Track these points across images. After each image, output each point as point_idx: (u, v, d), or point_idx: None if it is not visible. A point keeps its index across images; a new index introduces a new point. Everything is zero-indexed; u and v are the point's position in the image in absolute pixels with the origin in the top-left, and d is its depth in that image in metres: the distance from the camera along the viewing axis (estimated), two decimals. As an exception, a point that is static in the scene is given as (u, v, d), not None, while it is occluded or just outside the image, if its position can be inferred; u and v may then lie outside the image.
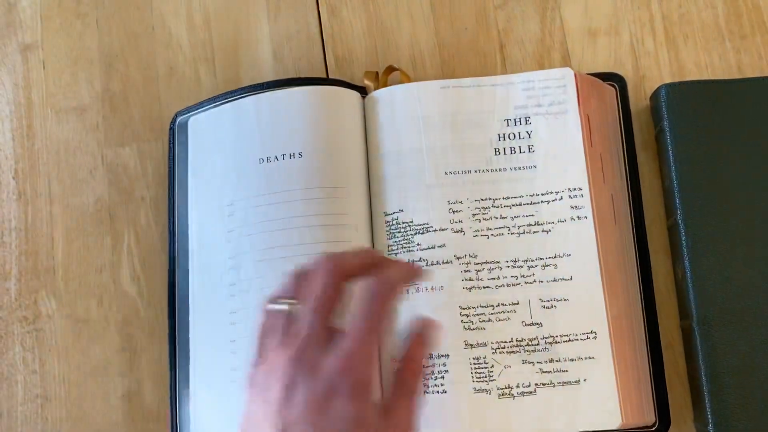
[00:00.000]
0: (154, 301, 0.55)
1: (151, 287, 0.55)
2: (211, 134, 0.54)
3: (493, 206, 0.49)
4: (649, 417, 0.48)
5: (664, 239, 0.52)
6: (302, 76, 0.57)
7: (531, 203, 0.49)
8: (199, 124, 0.55)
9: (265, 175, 0.51)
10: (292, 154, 0.51)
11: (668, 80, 0.53)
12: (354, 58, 0.57)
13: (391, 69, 0.55)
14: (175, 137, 0.56)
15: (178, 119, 0.56)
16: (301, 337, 0.36)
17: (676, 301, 0.51)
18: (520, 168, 0.50)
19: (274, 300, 0.39)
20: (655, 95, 0.52)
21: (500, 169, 0.50)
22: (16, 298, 0.56)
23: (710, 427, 0.46)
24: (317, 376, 0.35)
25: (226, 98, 0.54)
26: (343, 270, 0.38)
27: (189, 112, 0.56)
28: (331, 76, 0.57)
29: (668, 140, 0.50)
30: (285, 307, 0.38)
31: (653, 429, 0.48)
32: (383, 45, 0.57)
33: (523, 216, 0.49)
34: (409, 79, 0.55)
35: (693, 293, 0.47)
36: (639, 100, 0.54)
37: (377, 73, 0.55)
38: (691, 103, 0.50)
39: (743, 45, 0.54)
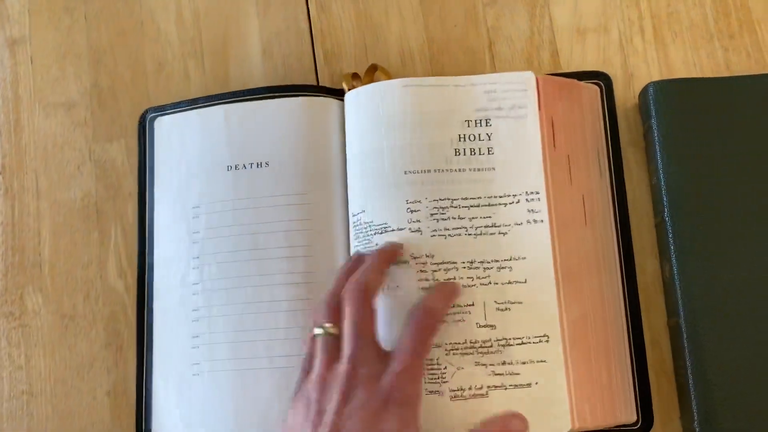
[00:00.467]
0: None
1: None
2: (176, 137, 0.55)
3: (451, 206, 0.49)
4: (628, 416, 0.48)
5: (652, 237, 0.52)
6: (290, 72, 0.57)
7: (489, 205, 0.49)
8: (164, 126, 0.56)
9: (233, 181, 0.52)
10: (259, 164, 0.52)
11: (656, 78, 0.53)
12: (343, 53, 0.57)
13: (373, 68, 0.55)
14: (145, 134, 0.56)
15: (148, 116, 0.56)
16: (350, 355, 0.41)
17: (663, 299, 0.51)
18: (479, 169, 0.49)
19: (315, 326, 0.44)
20: (643, 93, 0.52)
21: (459, 170, 0.49)
22: (2, 294, 0.56)
23: (696, 424, 0.46)
24: (373, 390, 0.40)
25: (196, 104, 0.55)
26: (368, 289, 0.44)
27: (158, 112, 0.56)
28: (319, 72, 0.57)
29: (656, 138, 0.50)
30: (323, 331, 0.43)
31: (636, 428, 0.48)
32: (372, 41, 0.57)
33: (481, 217, 0.49)
34: (389, 77, 0.54)
35: (680, 291, 0.47)
36: (627, 99, 0.54)
37: (356, 73, 0.55)
38: (679, 101, 0.50)
39: (731, 44, 0.54)
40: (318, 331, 0.44)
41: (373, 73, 0.54)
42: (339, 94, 0.54)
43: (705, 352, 0.46)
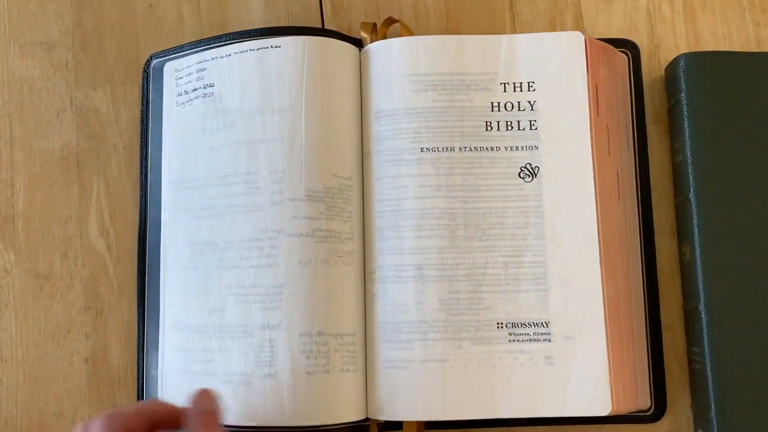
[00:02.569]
0: (124, 257, 0.51)
1: (121, 242, 0.51)
2: None
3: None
4: (644, 402, 0.46)
5: (671, 218, 0.49)
6: (295, 22, 0.53)
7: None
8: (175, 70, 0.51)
9: None
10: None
11: (684, 50, 0.50)
12: (352, 6, 0.53)
13: (390, 21, 0.51)
14: (149, 81, 0.52)
15: (154, 62, 0.52)
16: None
17: (679, 282, 0.49)
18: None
19: None
20: (672, 65, 0.49)
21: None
22: (-30, 249, 0.52)
23: (712, 413, 0.44)
24: None
25: (208, 44, 0.50)
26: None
27: (166, 56, 0.51)
28: (326, 25, 0.53)
29: (684, 113, 0.47)
30: None
31: (648, 413, 0.47)
32: (385, -7, 0.53)
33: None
34: (409, 33, 0.51)
35: (702, 275, 0.45)
36: (652, 71, 0.51)
37: (375, 24, 0.51)
38: (711, 75, 0.47)
39: (763, 18, 0.51)
40: None
41: (388, 26, 0.51)
42: (353, 43, 0.49)
43: (724, 339, 0.45)
